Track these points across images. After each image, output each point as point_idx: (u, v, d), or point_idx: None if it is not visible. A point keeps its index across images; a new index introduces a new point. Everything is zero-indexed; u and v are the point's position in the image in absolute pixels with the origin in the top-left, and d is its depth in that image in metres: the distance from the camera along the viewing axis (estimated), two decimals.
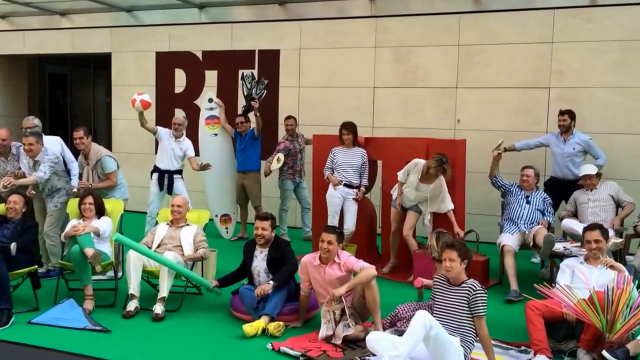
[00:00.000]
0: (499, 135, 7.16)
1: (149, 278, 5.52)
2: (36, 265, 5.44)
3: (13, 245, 5.10)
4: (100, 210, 5.71)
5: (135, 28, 10.01)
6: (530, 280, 5.44)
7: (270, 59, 9.10)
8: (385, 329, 4.59)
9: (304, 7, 8.98)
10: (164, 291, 5.14)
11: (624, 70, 7.41)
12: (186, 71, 9.65)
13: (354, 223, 6.74)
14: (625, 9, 7.40)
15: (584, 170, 6.39)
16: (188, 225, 5.74)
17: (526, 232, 6.10)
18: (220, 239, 8.10)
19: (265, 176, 8.02)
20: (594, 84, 7.57)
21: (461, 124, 8.20)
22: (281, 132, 8.48)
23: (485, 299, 4.06)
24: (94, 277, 5.37)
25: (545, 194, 6.42)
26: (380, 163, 7.02)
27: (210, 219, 6.33)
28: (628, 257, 5.79)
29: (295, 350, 4.38)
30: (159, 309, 5.07)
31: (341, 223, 6.73)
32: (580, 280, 4.58)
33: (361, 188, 6.78)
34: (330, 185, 6.77)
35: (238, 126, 8.03)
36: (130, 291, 5.16)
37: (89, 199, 5.66)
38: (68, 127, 11.65)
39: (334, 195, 6.75)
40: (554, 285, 4.63)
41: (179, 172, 7.52)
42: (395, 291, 5.81)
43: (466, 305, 4.07)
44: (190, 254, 5.51)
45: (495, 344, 4.36)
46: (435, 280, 4.34)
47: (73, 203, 5.88)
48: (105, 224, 5.60)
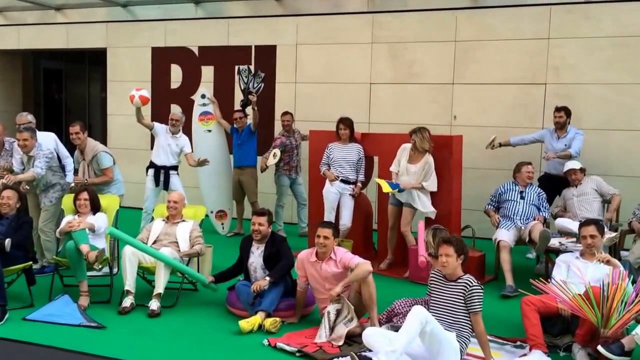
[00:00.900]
0: (495, 131, 7.17)
1: (145, 274, 5.51)
2: (31, 262, 5.42)
3: (7, 241, 5.07)
4: (96, 206, 5.69)
5: (130, 23, 9.96)
6: (526, 275, 5.46)
7: (267, 54, 9.07)
8: (381, 325, 4.59)
9: (300, 3, 8.96)
10: (159, 287, 5.13)
11: (620, 66, 7.42)
12: (182, 67, 9.61)
13: (351, 219, 6.73)
14: (621, 5, 7.40)
15: (568, 165, 6.49)
16: (184, 221, 5.73)
17: (522, 228, 6.11)
18: (216, 234, 8.09)
19: (262, 172, 8.01)
20: (589, 80, 7.58)
21: (457, 120, 8.20)
22: (277, 128, 8.47)
23: (481, 294, 4.07)
24: (89, 273, 5.35)
25: (540, 189, 6.43)
26: (376, 159, 7.01)
27: (206, 215, 6.31)
28: (623, 253, 5.81)
29: (292, 346, 4.38)
30: (154, 305, 5.06)
31: (337, 219, 6.73)
32: (575, 276, 4.59)
33: (357, 184, 6.78)
34: (327, 181, 6.76)
35: (237, 121, 8.01)
36: (126, 287, 5.14)
37: (84, 195, 5.64)
38: (63, 123, 11.62)
39: (330, 191, 6.74)
40: (550, 280, 4.64)
41: (175, 168, 7.50)
42: (392, 287, 5.82)
43: (462, 301, 4.07)
44: (186, 250, 5.49)
45: (491, 339, 4.36)
46: (431, 275, 4.34)
47: (68, 199, 5.86)
48: (101, 220, 5.57)
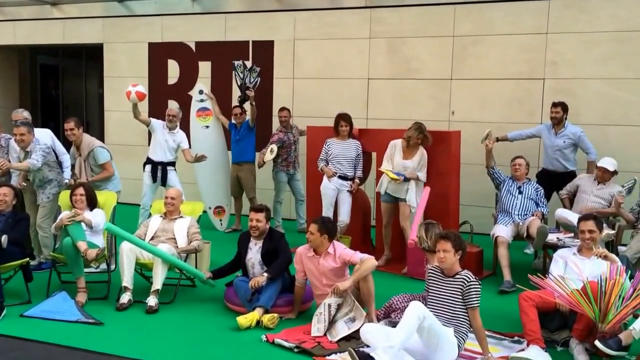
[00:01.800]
0: (494, 127, 7.15)
1: (143, 270, 5.50)
2: (28, 258, 5.39)
3: (4, 238, 5.06)
4: (92, 202, 5.66)
5: (127, 18, 9.93)
6: (524, 271, 5.46)
7: (264, 49, 9.05)
8: (379, 320, 4.60)
9: None
10: (157, 283, 5.12)
11: (618, 61, 7.41)
12: (179, 62, 9.59)
13: (349, 215, 6.73)
14: (619, 0, 7.39)
15: (603, 163, 6.28)
16: (182, 217, 5.72)
17: (520, 223, 6.10)
18: (214, 231, 8.08)
19: (259, 167, 8.00)
20: (588, 75, 7.57)
21: (455, 116, 8.19)
22: (275, 124, 8.45)
23: (479, 290, 4.06)
24: (87, 270, 5.34)
25: (538, 185, 6.42)
26: (374, 155, 7.00)
27: (204, 211, 6.30)
28: (620, 248, 5.81)
29: (290, 342, 4.37)
30: (152, 301, 5.05)
31: (336, 215, 6.72)
32: (573, 271, 4.59)
33: (355, 180, 6.77)
34: (325, 177, 6.75)
35: (237, 117, 7.98)
36: (124, 284, 5.13)
37: (80, 190, 5.61)
38: (60, 119, 11.57)
39: (328, 187, 6.73)
40: (547, 276, 4.63)
41: (173, 164, 7.48)
42: (390, 283, 5.82)
43: (460, 296, 4.07)
44: (184, 246, 5.48)
45: (488, 335, 4.37)
46: (429, 271, 4.34)
47: (65, 195, 5.84)
48: (98, 217, 5.56)
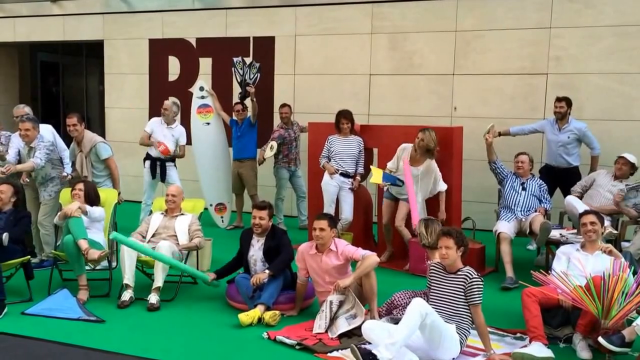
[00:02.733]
0: (496, 122, 7.11)
1: (144, 268, 5.49)
2: (29, 256, 5.39)
3: (5, 236, 5.04)
4: (92, 199, 5.62)
5: (127, 15, 9.89)
6: (527, 267, 5.44)
7: (266, 45, 9.01)
8: (381, 317, 4.58)
9: None
10: (159, 281, 5.11)
11: (621, 56, 7.37)
12: (180, 58, 9.55)
13: (352, 212, 6.70)
14: None
15: (624, 153, 6.22)
16: (183, 214, 5.70)
17: (522, 220, 6.08)
18: (215, 228, 8.06)
19: (259, 164, 7.97)
20: (591, 70, 7.52)
21: (458, 111, 8.15)
22: (277, 120, 8.42)
23: (481, 286, 4.04)
24: (88, 267, 5.32)
25: (541, 181, 6.39)
26: (376, 151, 6.98)
27: (205, 208, 6.28)
28: (624, 244, 5.79)
29: (291, 339, 4.36)
30: (154, 298, 5.04)
31: (337, 212, 6.70)
32: (576, 268, 4.57)
33: (357, 177, 6.74)
34: (326, 174, 6.72)
35: (238, 113, 7.94)
36: (125, 281, 5.12)
37: (80, 185, 5.59)
38: (60, 116, 11.56)
39: (329, 183, 6.70)
40: (550, 272, 4.61)
41: (172, 160, 7.46)
42: (392, 279, 5.80)
43: (462, 293, 4.05)
44: (186, 244, 5.47)
45: (491, 331, 4.35)
46: (430, 267, 4.32)
47: (66, 192, 5.83)
48: (98, 211, 5.54)
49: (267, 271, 4.93)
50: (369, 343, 4.07)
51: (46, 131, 6.43)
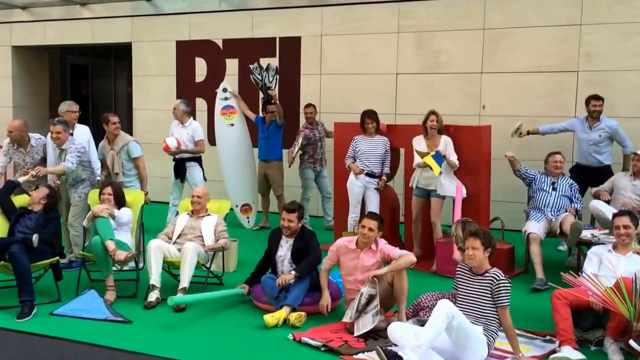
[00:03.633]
0: (526, 121, 7.00)
1: (170, 268, 5.52)
2: (58, 257, 5.45)
3: (35, 237, 5.10)
4: (120, 201, 5.69)
5: (155, 17, 9.98)
6: (557, 268, 5.33)
7: (291, 46, 9.01)
8: (407, 319, 4.53)
9: None
10: (185, 282, 5.12)
11: None
12: (207, 60, 9.61)
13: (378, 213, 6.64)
14: None
15: (638, 150, 6.08)
16: (209, 215, 5.72)
17: (553, 220, 5.95)
18: (241, 228, 8.08)
19: (290, 165, 7.94)
20: (623, 67, 7.34)
21: (486, 110, 8.03)
22: (302, 120, 8.40)
23: (509, 288, 3.97)
24: (115, 268, 5.37)
25: (572, 180, 6.25)
26: (402, 151, 6.91)
27: (231, 209, 6.30)
28: None
29: (317, 341, 4.33)
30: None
31: (363, 212, 6.64)
32: (607, 269, 4.46)
33: (383, 177, 6.69)
34: (351, 174, 6.68)
35: (269, 115, 7.90)
36: (152, 282, 5.15)
37: (108, 189, 5.66)
38: (89, 118, 11.73)
39: (355, 184, 6.66)
40: (581, 273, 4.51)
41: (194, 160, 7.49)
42: (418, 280, 5.71)
43: (489, 295, 3.98)
44: (211, 244, 5.48)
45: (520, 334, 4.27)
46: (458, 269, 4.26)
47: (94, 194, 5.90)
48: (125, 213, 5.59)
49: (294, 272, 4.91)
50: (395, 345, 4.03)
51: (84, 132, 6.51)
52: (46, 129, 6.32)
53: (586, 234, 5.66)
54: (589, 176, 6.67)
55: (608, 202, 6.05)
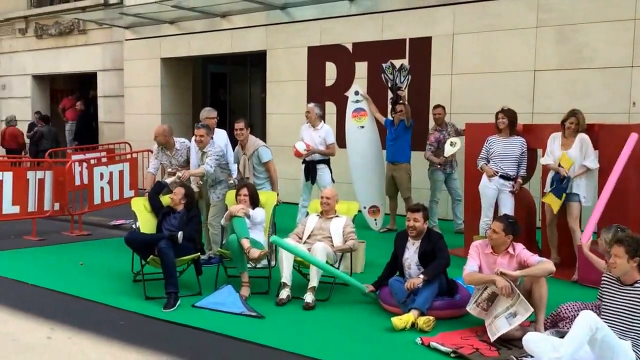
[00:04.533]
0: None
1: (300, 267, 5.64)
2: (199, 253, 5.79)
3: (180, 234, 5.46)
4: (255, 201, 5.93)
5: (288, 25, 10.31)
6: None
7: (421, 46, 8.89)
8: (545, 329, 4.27)
9: None
10: (314, 281, 5.22)
11: None
12: (337, 64, 9.75)
13: None
14: None
15: None
16: (337, 216, 5.78)
17: None
18: (369, 230, 8.09)
19: (439, 167, 7.78)
20: None
21: (637, 107, 7.38)
22: (432, 122, 8.24)
23: None
24: (250, 265, 5.59)
25: None
26: (540, 152, 6.54)
27: (359, 211, 6.31)
28: None
29: (446, 347, 4.21)
30: (309, 298, 5.16)
31: (496, 216, 6.38)
32: None
33: (518, 179, 6.38)
34: (484, 176, 6.44)
35: (397, 114, 7.86)
36: (283, 280, 5.30)
37: (244, 190, 5.91)
38: (227, 123, 12.35)
39: (488, 186, 6.41)
40: None
41: (324, 162, 7.60)
42: (557, 289, 5.34)
43: (639, 307, 3.64)
44: (340, 245, 5.53)
45: None
46: (603, 278, 3.95)
47: (230, 194, 6.19)
48: (258, 213, 5.81)
49: (422, 276, 4.82)
50: (531, 356, 3.81)
51: (221, 136, 6.88)
52: (190, 134, 6.75)
53: None
54: None
55: None
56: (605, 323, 3.59)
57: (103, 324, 4.79)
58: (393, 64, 8.07)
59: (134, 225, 6.65)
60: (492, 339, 4.25)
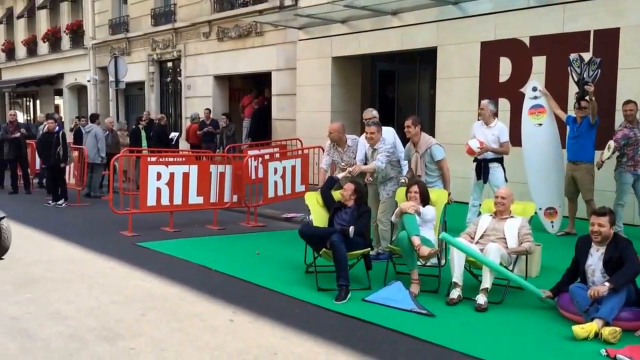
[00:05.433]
0: None
1: (471, 268, 5.52)
2: (369, 248, 5.91)
3: (351, 229, 5.63)
4: (425, 199, 5.91)
5: (461, 20, 10.07)
6: None
7: (608, 39, 8.20)
8: None
9: None
10: (486, 282, 5.09)
11: None
12: (511, 59, 9.35)
13: None
14: None
15: None
16: (512, 217, 5.58)
17: None
18: (544, 233, 7.66)
19: (598, 168, 7.29)
20: None
21: None
22: (618, 119, 7.60)
23: None
24: (419, 263, 5.59)
25: None
26: None
27: (535, 212, 6.02)
28: None
29: None
30: (481, 299, 5.04)
31: None
32: None
33: None
34: None
35: (581, 110, 7.37)
36: (454, 279, 5.24)
37: (415, 188, 5.93)
38: (395, 120, 12.41)
39: None
40: None
41: (496, 161, 7.35)
42: None
43: None
44: (514, 247, 5.35)
45: None
46: None
47: (401, 191, 6.23)
48: (429, 210, 5.79)
49: (608, 284, 4.49)
50: None
51: (389, 133, 6.97)
52: (359, 131, 6.90)
53: None
54: None
55: None
56: None
57: (280, 311, 5.07)
58: (581, 56, 7.52)
59: (306, 219, 6.95)
60: None
